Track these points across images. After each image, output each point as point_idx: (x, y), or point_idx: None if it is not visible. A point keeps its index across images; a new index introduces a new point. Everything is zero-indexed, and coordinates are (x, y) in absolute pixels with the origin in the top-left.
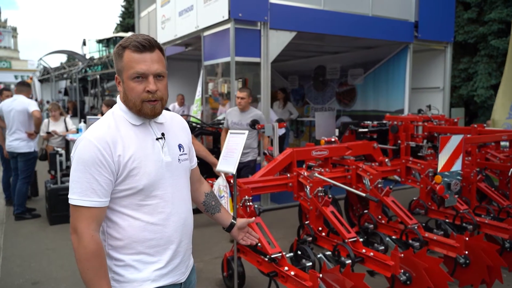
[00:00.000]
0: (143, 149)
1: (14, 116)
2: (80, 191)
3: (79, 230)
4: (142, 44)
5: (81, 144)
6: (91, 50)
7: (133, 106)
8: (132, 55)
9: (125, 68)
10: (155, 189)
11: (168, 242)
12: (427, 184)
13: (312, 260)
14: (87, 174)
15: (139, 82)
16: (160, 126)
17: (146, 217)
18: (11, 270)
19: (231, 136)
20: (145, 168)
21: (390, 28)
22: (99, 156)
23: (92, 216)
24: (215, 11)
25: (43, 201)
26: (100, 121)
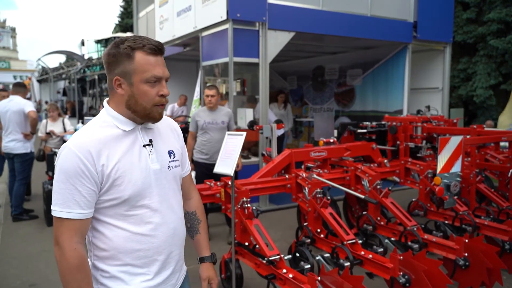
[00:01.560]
0: (129, 156)
1: (10, 117)
2: (62, 203)
3: (61, 242)
4: (158, 47)
5: (63, 153)
6: (89, 51)
7: (142, 110)
8: (148, 57)
9: (138, 70)
10: (141, 199)
11: (157, 253)
12: (426, 185)
13: (310, 263)
14: (69, 185)
15: (153, 85)
16: (149, 131)
17: (132, 227)
18: (7, 272)
19: (229, 138)
20: (130, 177)
21: (389, 29)
22: (81, 166)
23: (75, 228)
24: (213, 11)
25: (41, 202)
26: (85, 128)
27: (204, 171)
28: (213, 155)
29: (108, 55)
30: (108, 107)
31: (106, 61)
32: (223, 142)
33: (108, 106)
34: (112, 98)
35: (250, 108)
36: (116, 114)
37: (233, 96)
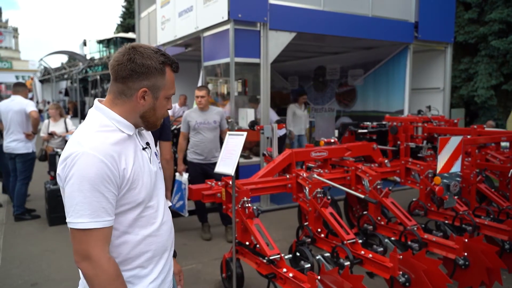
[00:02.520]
0: (138, 160)
1: (12, 116)
2: (91, 213)
3: (94, 255)
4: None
5: (83, 160)
6: (91, 51)
7: (155, 121)
8: (173, 75)
9: (167, 87)
10: (150, 200)
11: (162, 251)
12: (427, 185)
13: (310, 262)
14: (96, 193)
15: (168, 101)
16: (142, 136)
17: (141, 230)
18: (10, 271)
19: (229, 138)
20: (142, 179)
21: (390, 29)
22: (107, 171)
23: (105, 237)
24: (214, 12)
25: (43, 202)
26: (91, 132)
27: (199, 171)
28: (207, 155)
29: (139, 64)
30: (109, 111)
31: (134, 69)
32: (224, 142)
33: (108, 109)
34: (123, 104)
35: (252, 108)
36: (120, 119)
37: (234, 96)
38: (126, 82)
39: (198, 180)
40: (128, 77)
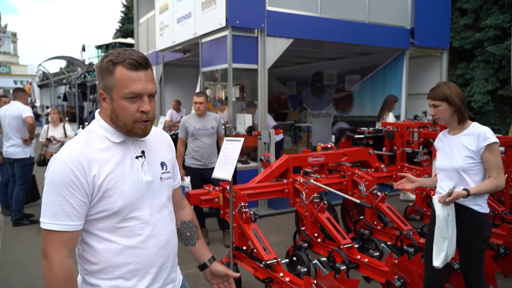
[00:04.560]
0: (120, 168)
1: (9, 122)
2: (52, 214)
3: (49, 255)
4: (138, 62)
5: (53, 164)
6: (90, 56)
7: (123, 126)
8: (127, 72)
9: (117, 86)
10: (132, 211)
11: (148, 266)
12: (423, 190)
13: (307, 266)
14: (59, 196)
15: (133, 101)
16: (141, 143)
17: (123, 240)
18: (8, 276)
19: (227, 143)
20: (121, 188)
21: (386, 35)
22: (72, 177)
23: (65, 241)
24: (212, 18)
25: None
26: (75, 139)
27: (197, 176)
28: (205, 161)
29: (96, 68)
30: (99, 118)
31: (97, 73)
32: (221, 148)
33: (99, 117)
34: (101, 110)
35: (250, 113)
36: (106, 126)
37: (232, 102)
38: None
39: (197, 185)
40: (98, 82)
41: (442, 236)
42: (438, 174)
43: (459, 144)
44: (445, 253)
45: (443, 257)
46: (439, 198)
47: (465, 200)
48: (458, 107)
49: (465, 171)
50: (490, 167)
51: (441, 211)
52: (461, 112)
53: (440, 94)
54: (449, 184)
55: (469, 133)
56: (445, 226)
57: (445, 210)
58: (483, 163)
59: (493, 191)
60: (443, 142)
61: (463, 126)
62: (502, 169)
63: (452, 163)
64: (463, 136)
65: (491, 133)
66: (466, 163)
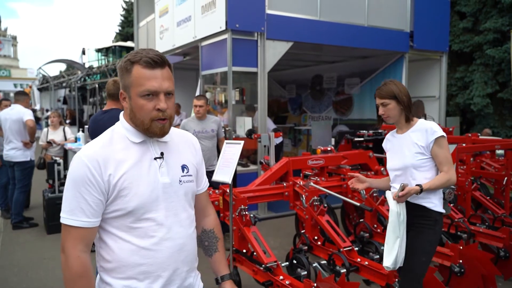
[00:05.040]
0: (137, 168)
1: (10, 125)
2: (69, 210)
3: (66, 249)
4: (154, 60)
5: (74, 162)
6: (90, 59)
7: (141, 124)
8: (143, 71)
9: (134, 84)
10: (147, 212)
11: (161, 269)
12: None
13: (307, 269)
14: (76, 193)
15: (149, 99)
16: (162, 145)
17: (136, 240)
18: (8, 279)
19: (227, 146)
20: (136, 188)
21: (385, 38)
22: (88, 174)
23: (80, 236)
24: (212, 21)
25: (41, 210)
26: (97, 138)
27: None
28: (206, 163)
29: (118, 69)
30: (122, 119)
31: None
32: (221, 151)
33: (122, 117)
34: (124, 110)
35: (249, 116)
36: (127, 125)
37: (232, 105)
38: None
39: None
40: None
41: (394, 233)
42: (390, 175)
43: (408, 141)
44: (396, 253)
45: (393, 258)
46: (393, 194)
47: (418, 198)
48: (406, 105)
49: (416, 168)
50: (440, 162)
51: (393, 206)
52: (408, 110)
53: (388, 92)
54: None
55: (416, 129)
56: (397, 223)
57: (398, 207)
58: (433, 158)
59: (445, 186)
60: (392, 142)
61: (410, 124)
62: (452, 164)
63: (403, 161)
64: (411, 133)
65: (438, 128)
66: (417, 160)
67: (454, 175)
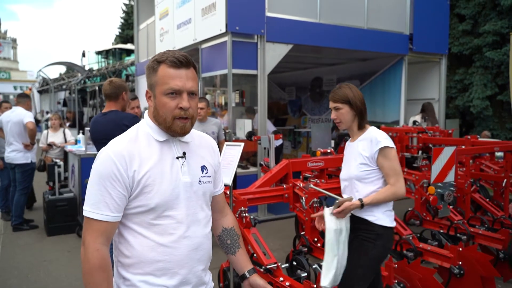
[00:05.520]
0: (160, 166)
1: (11, 127)
2: (93, 203)
3: (86, 242)
4: (179, 60)
5: (100, 157)
6: (90, 62)
7: (163, 122)
8: (168, 70)
9: (159, 83)
10: (168, 209)
11: (177, 266)
12: (422, 195)
13: (307, 271)
14: (101, 187)
15: (173, 98)
16: (184, 145)
17: (156, 237)
18: (8, 281)
19: (227, 148)
20: (159, 186)
21: (385, 41)
22: (114, 169)
23: (101, 230)
24: (212, 24)
25: (41, 212)
26: (123, 135)
27: None
28: None
29: (146, 68)
30: (147, 117)
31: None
32: (222, 153)
33: (147, 116)
34: (149, 109)
35: (249, 119)
36: (152, 124)
37: (232, 107)
38: None
39: None
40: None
41: (332, 251)
42: (341, 185)
43: (355, 151)
44: (334, 272)
45: (331, 277)
46: (331, 210)
47: (361, 211)
48: (359, 111)
49: (360, 180)
50: (387, 173)
51: (331, 224)
52: (361, 117)
53: (342, 95)
54: (347, 195)
55: (364, 138)
56: (335, 241)
57: (337, 224)
58: (381, 169)
59: (391, 200)
60: (346, 151)
61: (362, 132)
62: (400, 175)
63: (348, 172)
64: (359, 142)
65: (384, 137)
66: (360, 171)
67: (401, 188)
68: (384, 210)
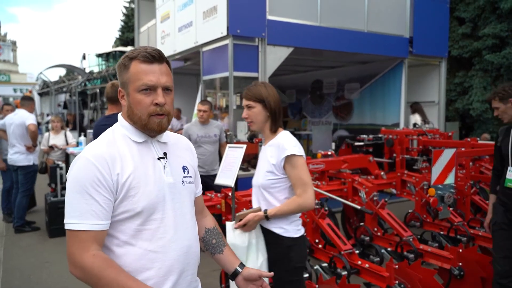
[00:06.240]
0: (143, 168)
1: (14, 129)
2: (79, 215)
3: (77, 256)
4: (151, 54)
5: (78, 163)
6: (90, 64)
7: (139, 121)
8: (141, 66)
9: (132, 79)
10: (155, 212)
11: (168, 273)
12: (422, 196)
13: (308, 272)
14: (85, 195)
15: (147, 94)
16: (163, 145)
17: (144, 243)
18: (11, 283)
19: (229, 150)
20: (144, 188)
21: (385, 44)
22: (97, 174)
23: (92, 238)
24: (214, 27)
25: (43, 214)
26: (99, 139)
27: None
28: (208, 168)
29: (117, 67)
30: (121, 118)
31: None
32: (224, 154)
33: (121, 117)
34: (122, 109)
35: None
36: (127, 125)
37: (233, 110)
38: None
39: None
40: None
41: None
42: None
43: (264, 157)
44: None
45: None
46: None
47: (269, 223)
48: (273, 112)
49: (266, 189)
50: (294, 183)
51: (233, 239)
52: (275, 119)
53: (256, 93)
54: (255, 204)
55: (273, 143)
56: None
57: (243, 237)
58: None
59: (297, 211)
60: (260, 154)
61: (274, 136)
62: (308, 185)
63: (257, 180)
64: (268, 146)
65: (292, 144)
66: (266, 180)
67: (308, 199)
68: (291, 221)
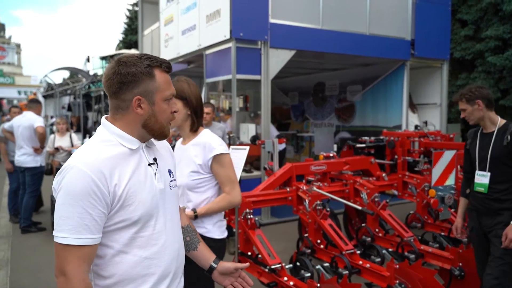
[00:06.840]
0: (137, 175)
1: (22, 132)
2: (71, 228)
3: (68, 272)
4: (170, 65)
5: (71, 174)
6: (94, 67)
7: (159, 129)
8: (165, 75)
9: (161, 89)
10: (149, 219)
11: (163, 277)
12: (423, 198)
13: (310, 271)
14: (79, 208)
15: (169, 103)
16: (150, 150)
17: (139, 251)
18: (19, 281)
19: (233, 151)
20: (140, 197)
21: (387, 46)
22: (93, 187)
23: (84, 256)
24: (217, 30)
25: (49, 215)
26: (87, 148)
27: None
28: None
29: (124, 74)
30: (111, 125)
31: (121, 80)
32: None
33: (110, 124)
34: (122, 117)
35: (257, 123)
36: (122, 133)
37: (236, 112)
38: (119, 96)
39: None
40: (119, 90)
41: None
42: None
43: (187, 156)
44: None
45: None
46: None
47: (195, 222)
48: (194, 110)
49: (191, 189)
50: (221, 181)
51: None
52: (196, 117)
53: (177, 89)
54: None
55: (197, 143)
56: None
57: None
58: (216, 177)
59: (227, 208)
60: (177, 153)
61: (195, 135)
62: (235, 183)
63: (180, 180)
64: (191, 146)
65: (219, 143)
66: (192, 180)
67: (236, 196)
68: (216, 221)
